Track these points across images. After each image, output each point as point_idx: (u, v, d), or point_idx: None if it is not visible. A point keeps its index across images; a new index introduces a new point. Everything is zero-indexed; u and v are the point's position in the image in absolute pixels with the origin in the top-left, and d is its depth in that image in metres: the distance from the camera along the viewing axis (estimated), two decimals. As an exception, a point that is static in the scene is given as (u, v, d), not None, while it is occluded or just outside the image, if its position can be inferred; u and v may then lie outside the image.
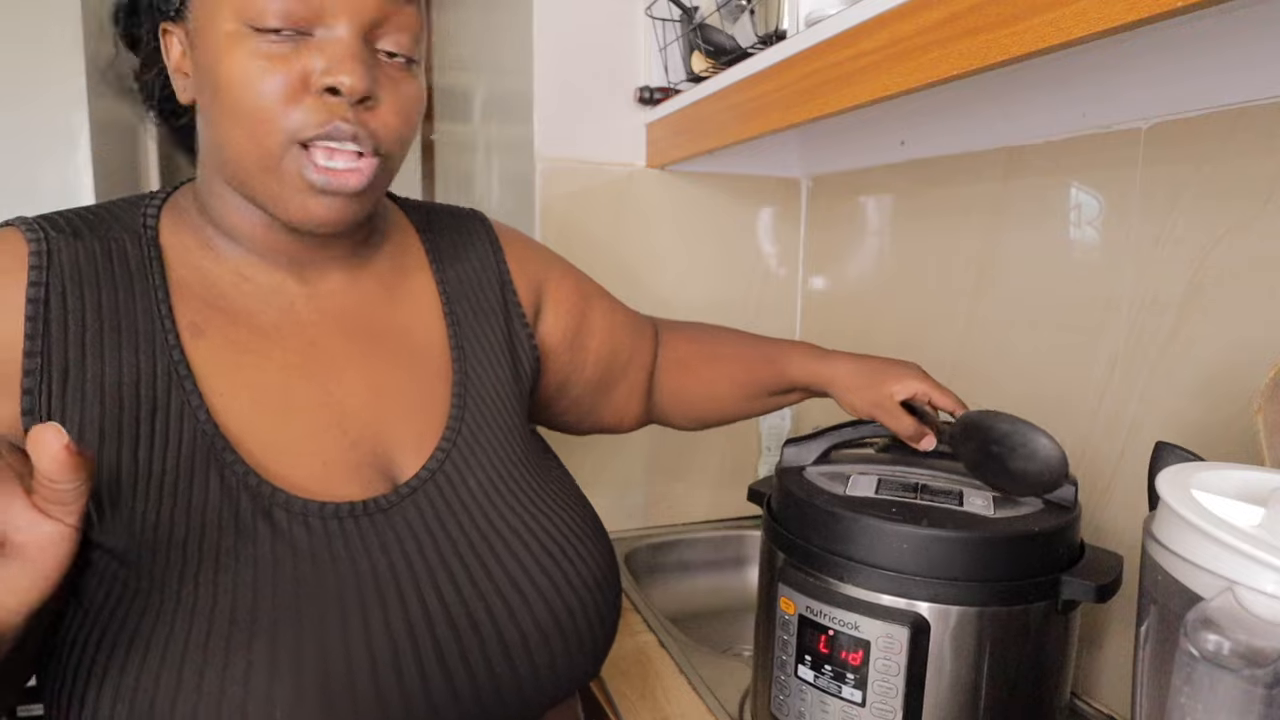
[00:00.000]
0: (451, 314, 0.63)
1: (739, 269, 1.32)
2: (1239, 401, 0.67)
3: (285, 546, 0.47)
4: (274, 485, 0.49)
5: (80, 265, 0.50)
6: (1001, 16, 0.52)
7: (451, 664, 0.49)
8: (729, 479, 1.36)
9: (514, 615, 0.52)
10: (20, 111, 1.21)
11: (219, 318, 0.53)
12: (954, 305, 1.00)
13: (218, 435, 0.49)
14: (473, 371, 0.61)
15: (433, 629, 0.49)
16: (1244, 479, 0.44)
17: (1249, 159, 0.66)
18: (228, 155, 0.50)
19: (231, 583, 0.45)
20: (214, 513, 0.47)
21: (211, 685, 0.43)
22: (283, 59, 0.48)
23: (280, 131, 0.48)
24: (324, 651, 0.45)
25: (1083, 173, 0.82)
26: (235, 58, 0.48)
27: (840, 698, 0.60)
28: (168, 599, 0.45)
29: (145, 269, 0.52)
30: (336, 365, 0.55)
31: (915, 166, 1.06)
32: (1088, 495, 0.83)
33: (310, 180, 0.50)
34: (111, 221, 0.53)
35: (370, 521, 0.50)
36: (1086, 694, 0.82)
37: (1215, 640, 0.34)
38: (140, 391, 0.48)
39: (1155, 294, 0.75)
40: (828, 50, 0.72)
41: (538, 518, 0.57)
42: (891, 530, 0.57)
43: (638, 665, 0.89)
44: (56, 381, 0.46)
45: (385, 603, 0.48)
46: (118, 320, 0.49)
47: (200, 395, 0.49)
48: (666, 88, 1.18)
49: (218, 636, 0.44)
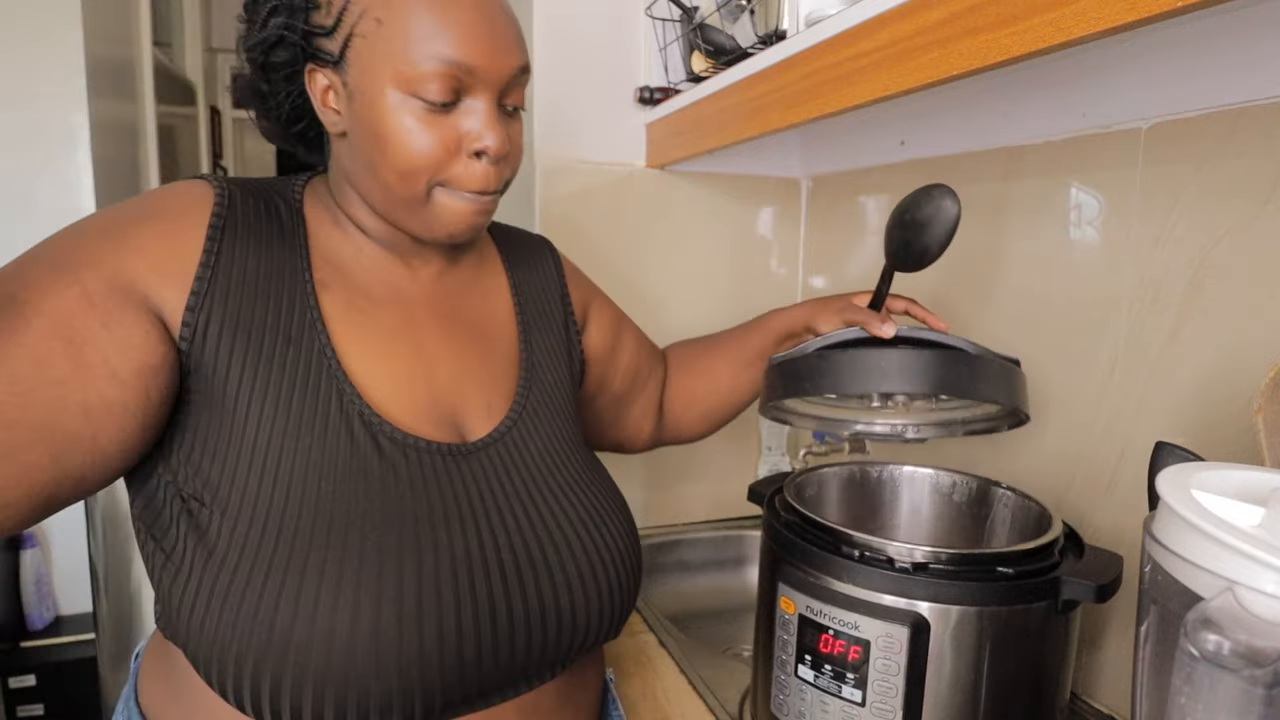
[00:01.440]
0: (521, 312, 0.74)
1: (739, 269, 1.32)
2: (1239, 401, 0.67)
3: (389, 468, 0.56)
4: (381, 416, 0.58)
5: (250, 214, 0.60)
6: (1001, 16, 0.52)
7: (511, 588, 0.57)
8: (729, 479, 1.36)
9: (561, 561, 0.60)
10: (20, 112, 1.21)
11: (341, 279, 0.63)
12: (954, 305, 1.00)
13: (339, 369, 0.58)
14: (537, 362, 0.72)
15: (499, 557, 0.58)
16: (1244, 479, 0.44)
17: (1249, 159, 0.66)
18: (375, 186, 0.60)
19: (347, 491, 0.54)
20: (333, 428, 0.56)
21: (330, 577, 0.51)
22: (436, 124, 0.58)
23: (430, 181, 0.59)
24: (419, 560, 0.54)
25: (1083, 173, 0.82)
26: (397, 119, 0.57)
27: (840, 697, 0.60)
28: (293, 497, 0.53)
29: (294, 229, 0.62)
30: (427, 336, 0.65)
31: (915, 166, 1.06)
32: (1088, 495, 0.83)
33: (459, 216, 0.61)
34: (270, 190, 0.64)
35: (453, 462, 0.60)
36: (1086, 694, 0.82)
37: (1215, 640, 0.34)
38: (280, 321, 0.58)
39: (1155, 294, 0.75)
40: (828, 50, 0.72)
41: (580, 491, 0.65)
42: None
43: (638, 665, 0.89)
44: (219, 292, 0.56)
45: (465, 529, 0.57)
46: (271, 263, 0.59)
47: (328, 335, 0.59)
48: (666, 88, 1.18)
49: (336, 534, 0.52)
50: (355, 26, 0.57)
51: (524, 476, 0.63)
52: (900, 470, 0.84)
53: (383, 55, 0.57)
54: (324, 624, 0.50)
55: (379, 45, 0.57)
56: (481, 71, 0.58)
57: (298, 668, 0.50)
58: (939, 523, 0.82)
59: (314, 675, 0.50)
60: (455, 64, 0.57)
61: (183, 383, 0.55)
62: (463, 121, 0.59)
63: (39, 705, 1.42)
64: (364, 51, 0.57)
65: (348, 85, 0.58)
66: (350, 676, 0.50)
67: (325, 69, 0.59)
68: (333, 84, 0.60)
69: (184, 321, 0.54)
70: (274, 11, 0.59)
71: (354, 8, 0.57)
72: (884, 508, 0.84)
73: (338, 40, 0.58)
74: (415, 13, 0.56)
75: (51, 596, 1.63)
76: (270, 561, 0.51)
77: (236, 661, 0.50)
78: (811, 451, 1.06)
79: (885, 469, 0.84)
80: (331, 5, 0.58)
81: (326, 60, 0.59)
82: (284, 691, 0.50)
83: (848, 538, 0.61)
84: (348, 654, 0.50)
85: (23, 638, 1.52)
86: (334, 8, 0.58)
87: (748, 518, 1.34)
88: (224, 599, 0.51)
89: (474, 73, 0.58)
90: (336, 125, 0.61)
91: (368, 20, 0.57)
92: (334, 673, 0.50)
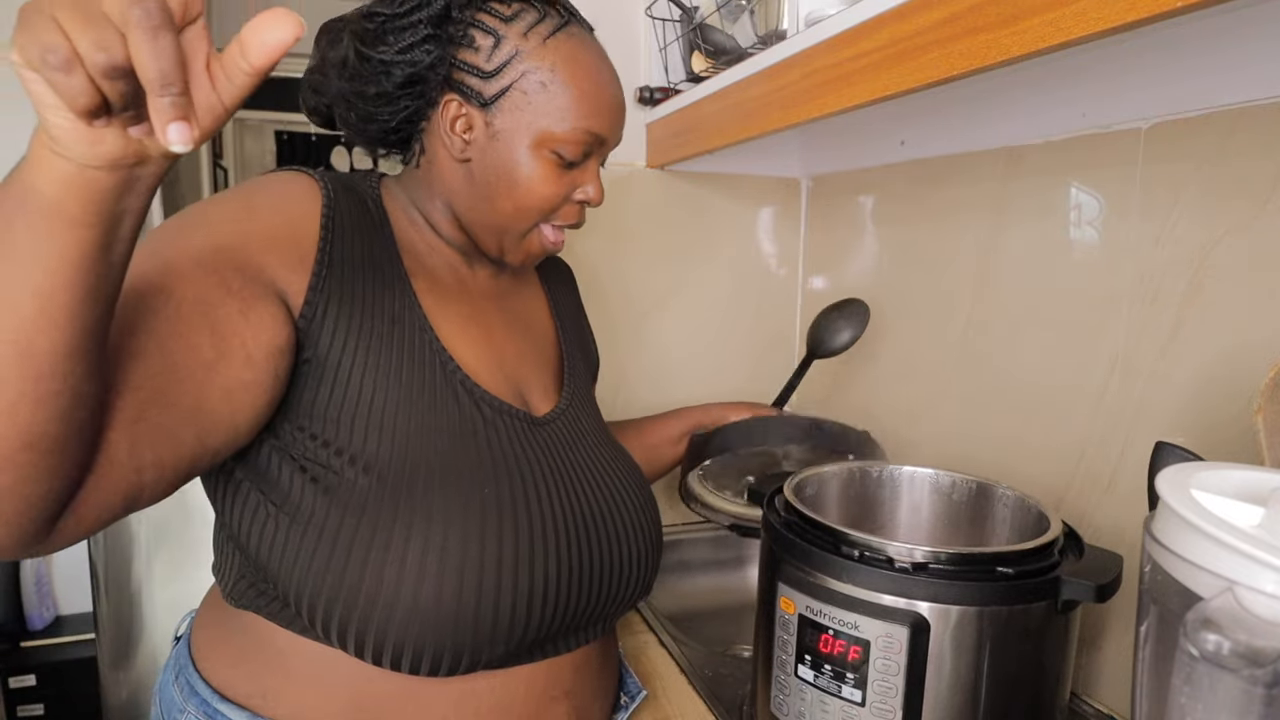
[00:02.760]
0: (557, 313, 0.85)
1: (739, 269, 1.32)
2: (1239, 401, 0.67)
3: (492, 429, 0.65)
4: (481, 387, 0.66)
5: (350, 207, 0.66)
6: (1001, 16, 0.52)
7: (583, 544, 0.66)
8: (729, 479, 1.36)
9: (618, 523, 0.70)
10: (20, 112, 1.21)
11: (422, 269, 0.69)
12: (954, 305, 1.00)
13: (440, 345, 0.65)
14: (570, 357, 0.82)
15: (577, 514, 0.66)
16: (1244, 479, 0.44)
17: (1249, 159, 0.66)
18: (484, 211, 0.68)
19: (461, 447, 0.62)
20: (441, 395, 0.63)
21: (455, 522, 0.59)
22: (561, 176, 0.67)
23: (538, 219, 0.69)
24: (517, 513, 0.62)
25: (1083, 173, 0.82)
26: (533, 167, 0.66)
27: (840, 697, 0.60)
28: (411, 453, 0.60)
29: (382, 222, 0.69)
30: (494, 324, 0.73)
31: (915, 166, 1.06)
32: (1088, 495, 0.83)
33: (540, 249, 0.71)
34: (356, 186, 0.70)
35: (537, 430, 0.68)
36: (1086, 694, 0.82)
37: (1215, 640, 0.34)
38: (384, 302, 0.63)
39: (1155, 294, 0.75)
40: (827, 50, 0.72)
41: (619, 465, 0.75)
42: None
43: (638, 665, 0.89)
44: (334, 277, 0.61)
45: (550, 488, 0.65)
46: (370, 250, 0.65)
47: (424, 314, 0.66)
48: (666, 88, 1.18)
49: (460, 481, 0.60)
50: (517, 82, 0.64)
51: (584, 448, 0.72)
52: (900, 470, 0.84)
53: (539, 113, 0.65)
54: (453, 561, 0.58)
55: (538, 104, 0.64)
56: (609, 143, 0.70)
57: (429, 600, 0.57)
58: (939, 523, 0.82)
59: (422, 616, 0.57)
60: (596, 135, 0.67)
61: (296, 358, 0.59)
62: (578, 176, 0.69)
63: (39, 705, 1.42)
64: (520, 105, 0.65)
65: (490, 125, 0.65)
66: (454, 618, 0.58)
67: (467, 103, 0.65)
68: (469, 117, 0.66)
69: (306, 301, 0.58)
70: (428, 40, 0.64)
71: (518, 65, 0.64)
72: (884, 508, 0.84)
73: (493, 86, 0.65)
74: (578, 87, 0.65)
75: (51, 596, 1.63)
76: (397, 507, 0.58)
77: (366, 600, 0.57)
78: (811, 451, 1.06)
79: (885, 469, 0.84)
80: (494, 54, 0.64)
81: (472, 97, 0.65)
82: (393, 630, 0.57)
83: (847, 537, 0.61)
84: (455, 597, 0.58)
85: (23, 638, 1.52)
86: (496, 58, 0.64)
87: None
88: (351, 545, 0.57)
89: (604, 143, 0.69)
90: (463, 153, 0.67)
91: (531, 80, 0.64)
92: (444, 612, 0.57)
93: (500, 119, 0.65)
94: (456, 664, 0.59)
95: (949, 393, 1.02)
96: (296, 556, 0.58)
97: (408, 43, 0.63)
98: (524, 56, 0.64)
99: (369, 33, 0.64)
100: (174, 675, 0.67)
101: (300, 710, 0.61)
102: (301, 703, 0.60)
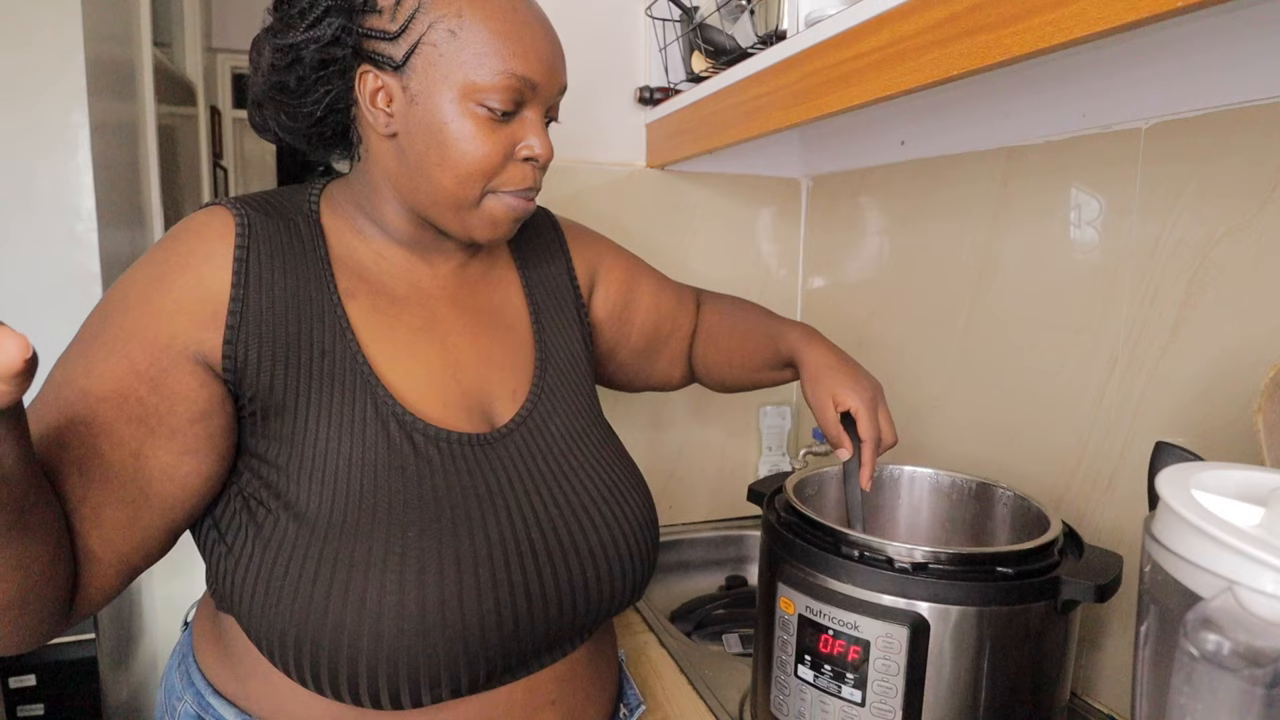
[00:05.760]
0: (532, 297, 0.77)
1: (739, 269, 1.32)
2: (1239, 401, 0.67)
3: (424, 462, 0.60)
4: (414, 415, 0.62)
5: (270, 237, 0.62)
6: (1001, 16, 0.52)
7: (541, 565, 0.62)
8: (729, 479, 1.36)
9: (585, 535, 0.65)
10: (20, 112, 1.21)
11: (364, 286, 0.65)
12: (954, 305, 1.00)
13: (371, 374, 0.61)
14: (550, 343, 0.75)
15: (529, 536, 0.62)
16: (1244, 479, 0.44)
17: (1249, 159, 0.66)
18: (425, 187, 0.63)
19: (387, 487, 0.58)
20: (371, 430, 0.60)
21: (375, 567, 0.55)
22: (495, 132, 0.62)
23: (484, 184, 0.63)
24: (456, 546, 0.58)
25: (1083, 173, 0.82)
26: (461, 125, 0.60)
27: (840, 697, 0.60)
28: (338, 496, 0.57)
29: (314, 244, 0.64)
30: (451, 330, 0.68)
31: (915, 166, 1.06)
32: (1088, 495, 0.83)
33: (505, 216, 0.65)
34: (285, 204, 0.66)
35: (482, 450, 0.64)
36: (1086, 694, 0.82)
37: (1215, 640, 0.34)
38: (313, 335, 0.61)
39: (1155, 294, 0.75)
40: (828, 50, 0.72)
41: (599, 466, 0.70)
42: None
43: (638, 665, 0.89)
44: (252, 321, 0.58)
45: (496, 513, 0.61)
46: (296, 282, 0.62)
47: (358, 343, 0.62)
48: (666, 88, 1.18)
49: (379, 527, 0.57)
50: (425, 35, 0.60)
51: (547, 457, 0.67)
52: (900, 470, 0.84)
53: (454, 65, 0.60)
54: (371, 609, 0.55)
55: (450, 55, 0.60)
56: (541, 87, 0.63)
57: (350, 649, 0.55)
58: (939, 523, 0.82)
59: (365, 656, 0.55)
60: (522, 79, 0.61)
61: (236, 406, 0.59)
62: (516, 131, 0.63)
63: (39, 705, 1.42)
64: (433, 60, 0.60)
65: (408, 90, 0.61)
66: (398, 656, 0.55)
67: (382, 72, 0.61)
68: (386, 86, 0.61)
69: (224, 355, 0.57)
70: (329, 12, 0.60)
71: (423, 17, 0.59)
72: (884, 508, 0.84)
73: (402, 46, 0.60)
74: (490, 28, 0.60)
75: (51, 596, 1.63)
76: (320, 554, 0.56)
77: (296, 644, 0.55)
78: (812, 451, 1.06)
79: (885, 469, 0.84)
80: (396, 13, 0.60)
81: (385, 64, 0.61)
82: (340, 669, 0.55)
83: (847, 538, 0.61)
84: (395, 636, 0.55)
85: (23, 638, 1.52)
86: (399, 15, 0.60)
87: (748, 518, 1.34)
88: (280, 589, 0.56)
89: (535, 88, 0.62)
90: (388, 127, 0.62)
91: (439, 30, 0.59)
92: (382, 653, 0.55)
93: (416, 80, 0.60)
94: (415, 700, 0.57)
95: (949, 393, 1.02)
96: (233, 588, 0.58)
97: (312, 19, 0.60)
98: (428, 7, 0.60)
99: (278, 22, 0.62)
100: (178, 661, 0.68)
101: (280, 717, 0.61)
102: (281, 710, 0.60)
